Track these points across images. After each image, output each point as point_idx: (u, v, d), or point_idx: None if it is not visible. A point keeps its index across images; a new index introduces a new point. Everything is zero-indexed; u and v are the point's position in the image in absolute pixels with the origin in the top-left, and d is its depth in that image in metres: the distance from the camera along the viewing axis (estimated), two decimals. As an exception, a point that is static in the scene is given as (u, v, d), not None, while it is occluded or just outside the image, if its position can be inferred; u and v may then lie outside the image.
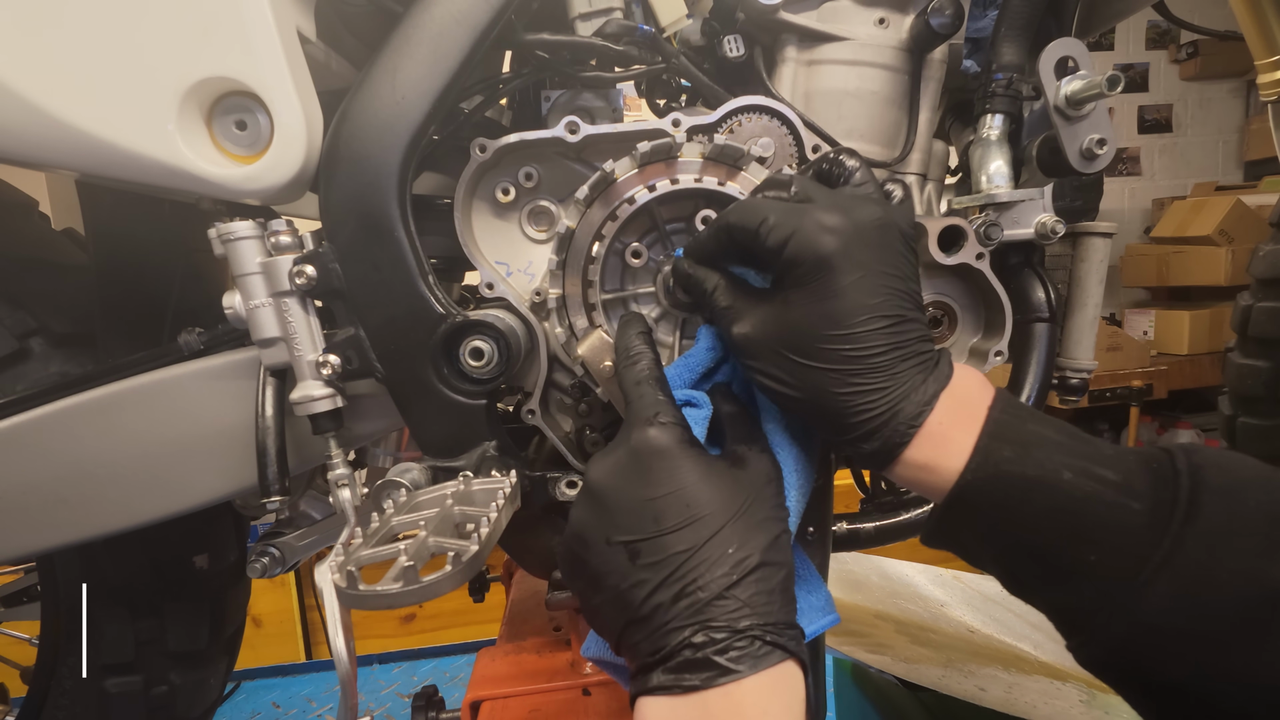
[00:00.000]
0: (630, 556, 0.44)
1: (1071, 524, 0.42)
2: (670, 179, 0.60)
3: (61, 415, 0.69)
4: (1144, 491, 0.41)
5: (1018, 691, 0.92)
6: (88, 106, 0.57)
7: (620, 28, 0.62)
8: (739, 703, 0.40)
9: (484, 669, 0.82)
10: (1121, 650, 0.41)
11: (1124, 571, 0.40)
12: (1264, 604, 0.38)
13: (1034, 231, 0.67)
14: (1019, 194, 0.65)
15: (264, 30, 0.56)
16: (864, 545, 0.76)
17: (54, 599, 0.86)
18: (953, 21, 0.63)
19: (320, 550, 0.85)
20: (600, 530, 0.45)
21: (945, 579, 1.34)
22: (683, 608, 0.42)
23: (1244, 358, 1.23)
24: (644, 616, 0.43)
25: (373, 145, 0.59)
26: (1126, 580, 0.40)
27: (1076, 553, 0.41)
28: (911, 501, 0.75)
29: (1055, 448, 0.43)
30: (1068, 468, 0.42)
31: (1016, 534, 0.44)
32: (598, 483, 0.47)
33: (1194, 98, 3.87)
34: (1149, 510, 0.40)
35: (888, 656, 0.95)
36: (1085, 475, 0.42)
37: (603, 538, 0.45)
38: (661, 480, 0.45)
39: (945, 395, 0.46)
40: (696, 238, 0.56)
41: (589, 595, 0.46)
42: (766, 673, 0.41)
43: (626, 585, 0.43)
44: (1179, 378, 3.18)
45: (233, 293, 0.63)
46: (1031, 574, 0.45)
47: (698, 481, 0.45)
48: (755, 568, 0.43)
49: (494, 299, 0.65)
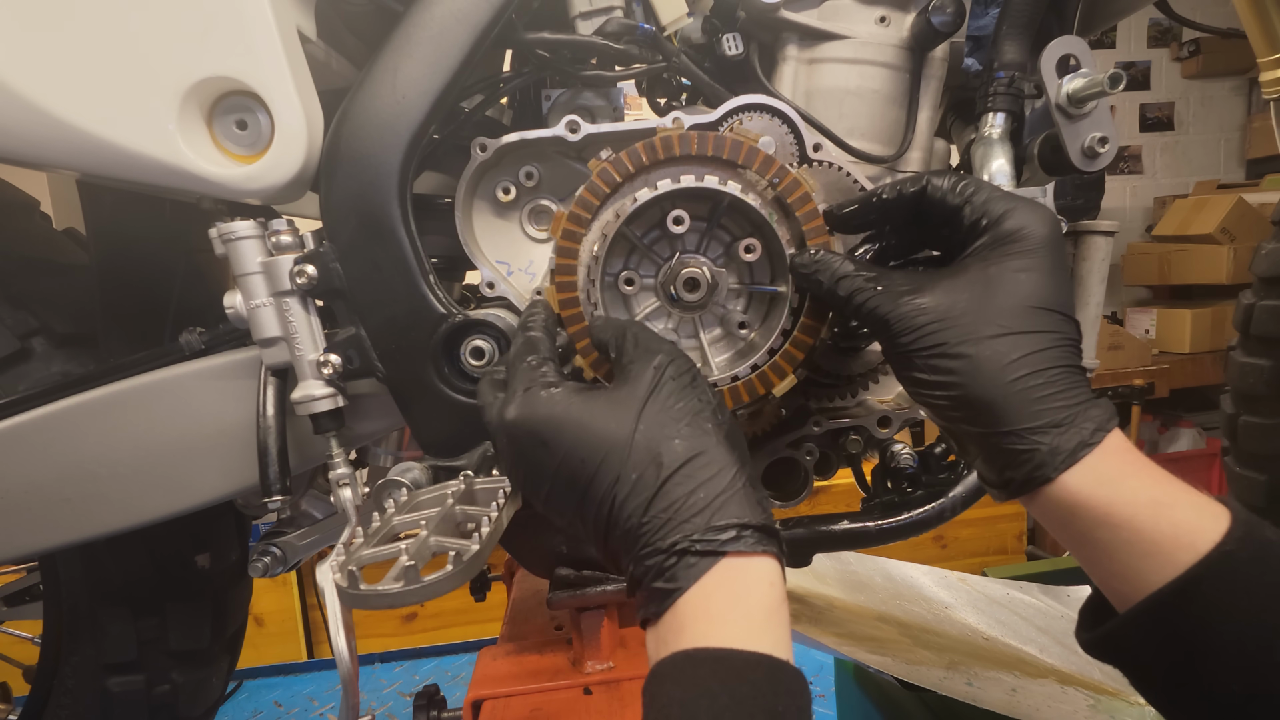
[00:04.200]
0: (576, 516, 0.45)
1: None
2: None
3: (63, 415, 0.69)
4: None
5: (1022, 695, 0.91)
6: (89, 106, 0.57)
7: (621, 26, 0.62)
8: (686, 616, 0.40)
9: (485, 668, 0.82)
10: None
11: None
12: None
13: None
14: (1021, 192, 0.65)
15: (264, 30, 0.56)
16: (867, 544, 0.76)
17: (56, 598, 0.86)
18: (954, 20, 0.63)
19: (322, 549, 0.85)
20: (546, 507, 0.47)
21: (950, 581, 1.34)
22: (622, 544, 0.43)
23: (1246, 356, 1.23)
24: (613, 559, 0.44)
25: (373, 144, 0.59)
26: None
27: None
28: (914, 501, 0.75)
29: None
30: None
31: (1276, 638, 0.38)
32: (518, 478, 0.48)
33: (1196, 96, 3.86)
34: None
35: (890, 658, 0.95)
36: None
37: (555, 516, 0.46)
38: (556, 446, 0.44)
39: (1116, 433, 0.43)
40: (848, 212, 0.55)
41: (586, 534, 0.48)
42: (702, 582, 0.39)
43: (589, 534, 0.45)
44: (1181, 376, 3.17)
45: (234, 292, 0.63)
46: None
47: (582, 425, 0.43)
48: (665, 480, 0.41)
49: (495, 298, 0.65)
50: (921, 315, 0.46)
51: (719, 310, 0.64)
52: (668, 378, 0.46)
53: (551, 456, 0.44)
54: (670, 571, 0.40)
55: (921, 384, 0.46)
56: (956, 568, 1.39)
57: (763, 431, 0.71)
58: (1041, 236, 0.46)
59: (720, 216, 0.61)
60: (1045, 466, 0.42)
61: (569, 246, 0.58)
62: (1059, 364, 0.44)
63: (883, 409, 0.71)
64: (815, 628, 0.99)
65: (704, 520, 0.41)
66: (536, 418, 0.44)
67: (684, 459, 0.42)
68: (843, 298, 0.50)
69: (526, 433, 0.44)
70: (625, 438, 0.42)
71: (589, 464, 0.43)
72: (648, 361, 0.46)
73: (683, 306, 0.62)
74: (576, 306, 0.58)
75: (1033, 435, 0.42)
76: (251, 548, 0.80)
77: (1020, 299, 0.45)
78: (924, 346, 0.45)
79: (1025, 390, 0.43)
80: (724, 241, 0.63)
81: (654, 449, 0.42)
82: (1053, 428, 0.42)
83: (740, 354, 0.63)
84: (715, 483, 0.42)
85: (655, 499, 0.41)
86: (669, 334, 0.64)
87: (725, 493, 0.41)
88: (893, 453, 0.74)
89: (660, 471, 0.42)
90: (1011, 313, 0.44)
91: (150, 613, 0.88)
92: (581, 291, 0.59)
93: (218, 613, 0.95)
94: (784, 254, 0.59)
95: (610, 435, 0.43)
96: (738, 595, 0.40)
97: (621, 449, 0.42)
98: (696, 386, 0.46)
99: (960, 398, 0.44)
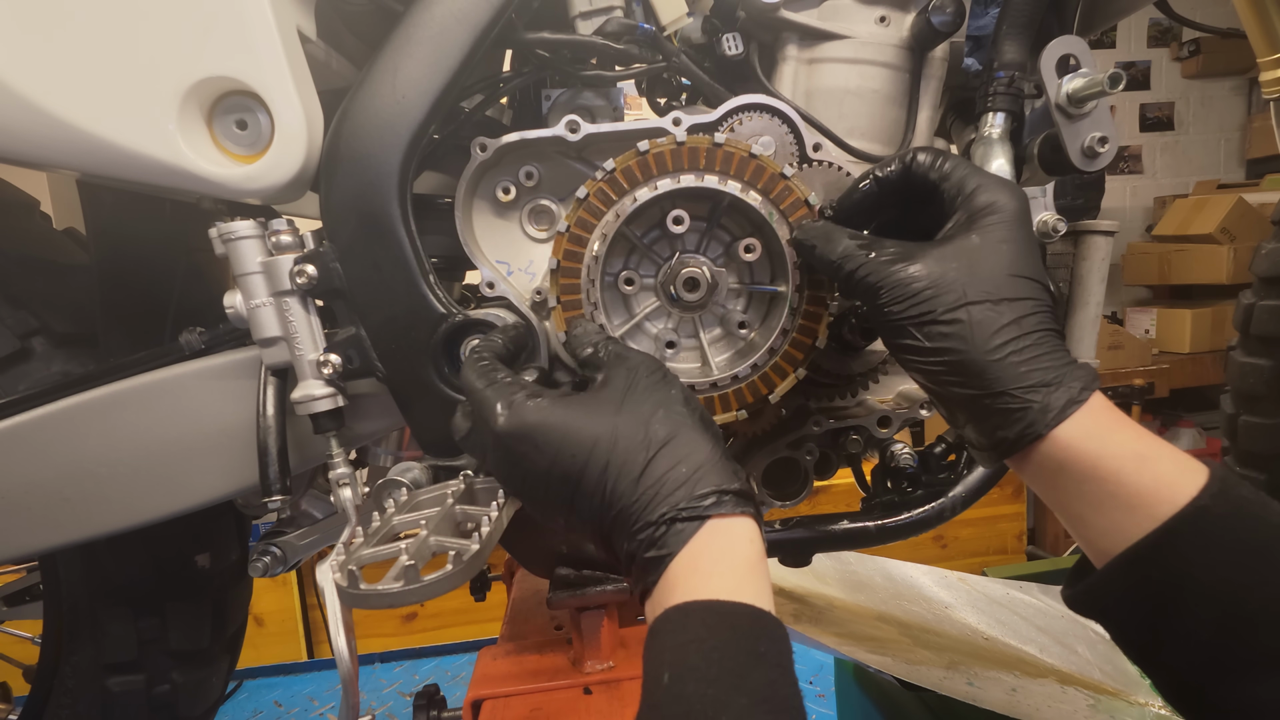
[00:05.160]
0: (571, 511, 0.47)
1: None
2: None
3: (63, 415, 0.69)
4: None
5: (1022, 694, 0.91)
6: (89, 106, 0.57)
7: (621, 26, 0.62)
8: (678, 576, 0.42)
9: (485, 668, 0.82)
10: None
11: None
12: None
13: (1035, 230, 0.67)
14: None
15: (264, 30, 0.56)
16: (867, 544, 0.76)
17: (56, 598, 0.86)
18: (954, 19, 0.63)
19: (322, 549, 0.85)
20: (542, 509, 0.49)
21: (950, 581, 1.34)
22: (616, 526, 0.45)
23: (1246, 356, 1.23)
24: (609, 546, 0.47)
25: (373, 144, 0.59)
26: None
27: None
28: (914, 500, 0.75)
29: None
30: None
31: (1245, 594, 0.40)
32: (514, 486, 0.50)
33: (1196, 95, 3.86)
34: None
35: (890, 658, 0.95)
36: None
37: (550, 516, 0.49)
38: (547, 447, 0.46)
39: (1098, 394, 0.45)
40: (848, 193, 0.57)
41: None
42: (690, 544, 0.42)
43: (586, 527, 0.47)
44: (1181, 376, 3.17)
45: (234, 292, 0.63)
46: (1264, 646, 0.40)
47: (569, 424, 0.46)
48: (649, 460, 0.45)
49: (495, 298, 0.65)
50: (915, 282, 0.48)
51: (719, 310, 0.64)
52: (641, 375, 0.49)
53: (543, 457, 0.46)
54: (661, 540, 0.43)
55: (915, 350, 0.48)
56: (956, 568, 1.39)
57: (763, 431, 0.71)
58: (1014, 210, 0.50)
59: (720, 216, 0.61)
60: (1037, 424, 0.45)
61: (571, 267, 0.60)
62: (1042, 327, 0.47)
63: (883, 409, 0.71)
64: (815, 628, 0.99)
65: (687, 491, 0.44)
66: (527, 424, 0.46)
67: (664, 440, 0.45)
68: (836, 264, 0.52)
69: (518, 440, 0.47)
70: (610, 429, 0.46)
71: (579, 458, 0.45)
72: (621, 364, 0.51)
73: (683, 306, 0.62)
74: (579, 309, 0.60)
75: (1025, 394, 0.45)
76: (251, 548, 0.80)
77: (1003, 267, 0.47)
78: (916, 314, 0.48)
79: (1016, 352, 0.45)
80: (724, 241, 0.63)
81: (637, 435, 0.46)
82: (1042, 386, 0.45)
83: (740, 353, 0.63)
84: (693, 458, 0.45)
85: (642, 478, 0.44)
86: (669, 333, 0.64)
87: (704, 466, 0.45)
88: (893, 453, 0.74)
89: (645, 453, 0.45)
90: (996, 280, 0.47)
91: (150, 613, 0.88)
92: (582, 292, 0.59)
93: (218, 613, 0.95)
94: (784, 253, 0.59)
95: (596, 429, 0.46)
96: (722, 551, 0.43)
97: (608, 439, 0.45)
98: (668, 382, 0.50)
99: (954, 363, 0.47)
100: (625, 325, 0.63)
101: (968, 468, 0.74)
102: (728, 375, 0.60)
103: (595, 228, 0.59)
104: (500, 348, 0.56)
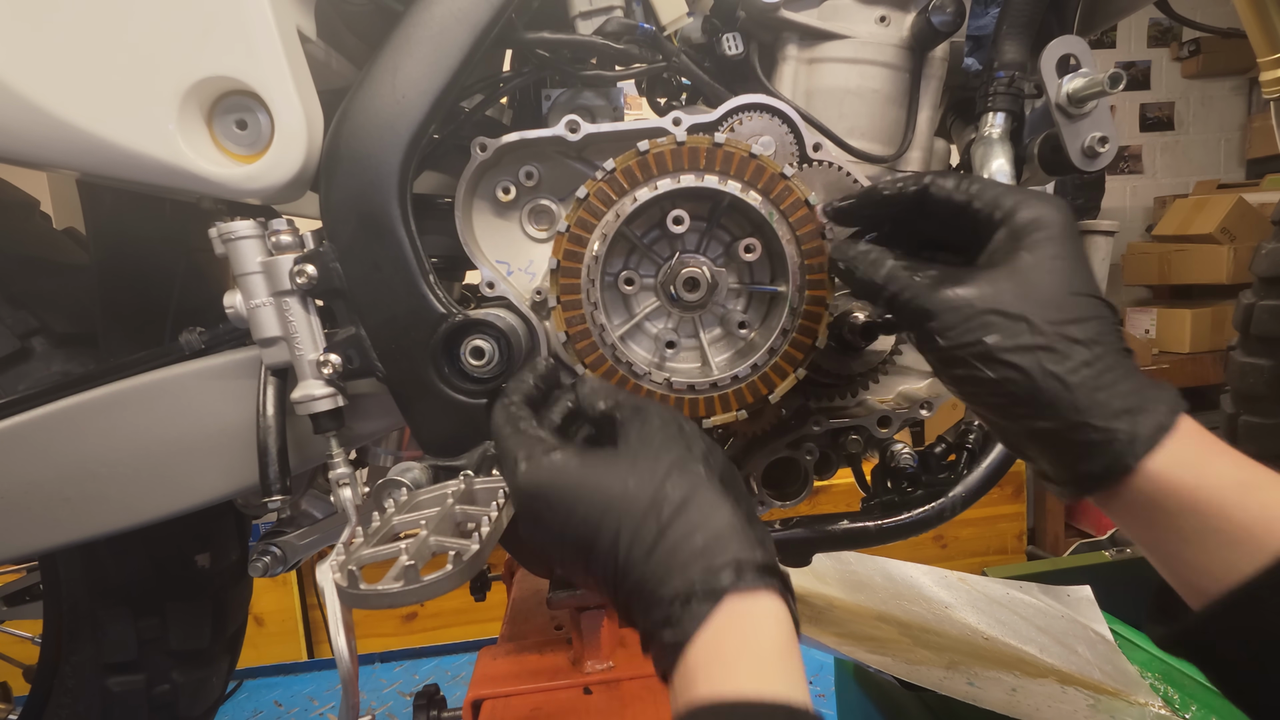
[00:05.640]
0: (588, 575, 0.44)
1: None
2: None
3: (63, 414, 0.69)
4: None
5: (1022, 694, 0.91)
6: (89, 106, 0.57)
7: (621, 26, 0.62)
8: (698, 664, 0.38)
9: (485, 668, 0.82)
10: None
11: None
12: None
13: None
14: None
15: (264, 30, 0.56)
16: (867, 544, 0.76)
17: (56, 598, 0.86)
18: (954, 19, 0.63)
19: (322, 549, 0.85)
20: (564, 570, 0.47)
21: (950, 581, 1.34)
22: (631, 599, 0.42)
23: (1246, 356, 1.23)
24: (627, 616, 0.43)
25: (373, 144, 0.59)
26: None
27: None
28: (914, 500, 0.75)
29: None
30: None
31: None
32: (535, 542, 0.47)
33: (1196, 95, 3.86)
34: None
35: (890, 658, 0.95)
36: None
37: (573, 576, 0.47)
38: (559, 509, 0.44)
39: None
40: (847, 206, 0.55)
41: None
42: (708, 626, 0.38)
43: (603, 593, 0.44)
44: (1181, 376, 3.16)
45: (234, 292, 0.63)
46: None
47: (581, 486, 0.44)
48: (664, 529, 0.41)
49: (495, 298, 0.65)
50: (969, 307, 0.43)
51: (719, 310, 0.64)
52: (656, 431, 0.46)
53: (557, 519, 0.44)
54: (677, 620, 0.39)
55: (976, 381, 0.43)
56: (956, 568, 1.39)
57: (763, 431, 0.71)
58: (1061, 223, 0.45)
59: (720, 216, 0.61)
60: (1125, 455, 0.40)
61: (571, 266, 0.59)
62: (1115, 348, 0.42)
63: (883, 409, 0.71)
64: (815, 628, 0.99)
65: (704, 563, 0.40)
66: (541, 484, 0.44)
67: (679, 504, 0.42)
68: (879, 286, 0.48)
69: (532, 498, 0.45)
70: (621, 493, 0.42)
71: (590, 522, 0.43)
72: (637, 418, 0.47)
73: (683, 306, 0.62)
74: (579, 309, 0.59)
75: (1107, 424, 0.40)
76: (251, 547, 0.80)
77: (1062, 286, 0.43)
78: (973, 340, 0.43)
79: (1091, 378, 0.41)
80: (724, 241, 0.63)
81: (649, 500, 0.42)
82: (1125, 413, 0.40)
83: (740, 353, 0.63)
84: (710, 524, 0.41)
85: (655, 548, 0.41)
86: (669, 333, 0.64)
87: (722, 534, 0.41)
88: (893, 452, 0.74)
89: (658, 521, 0.41)
90: (1058, 301, 0.43)
91: (150, 612, 0.88)
92: (582, 292, 0.59)
93: (218, 612, 0.95)
94: (784, 254, 0.59)
95: (607, 493, 0.43)
96: (746, 636, 0.38)
97: (618, 505, 0.42)
98: (685, 435, 0.46)
99: (1023, 396, 0.42)
100: (625, 325, 0.63)
101: (968, 468, 0.74)
102: (728, 375, 0.60)
103: (595, 227, 0.59)
104: (530, 388, 0.53)
